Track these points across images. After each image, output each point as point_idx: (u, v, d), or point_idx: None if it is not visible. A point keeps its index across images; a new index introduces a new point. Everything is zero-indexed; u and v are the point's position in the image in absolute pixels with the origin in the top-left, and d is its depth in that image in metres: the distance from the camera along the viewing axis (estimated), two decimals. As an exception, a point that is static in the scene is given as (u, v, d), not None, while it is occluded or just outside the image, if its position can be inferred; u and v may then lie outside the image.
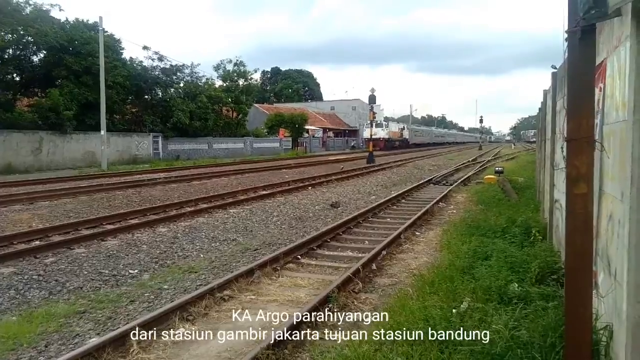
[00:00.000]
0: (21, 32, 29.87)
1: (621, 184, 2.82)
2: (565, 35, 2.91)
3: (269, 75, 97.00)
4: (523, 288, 4.83)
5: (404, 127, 67.07)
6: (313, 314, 4.86)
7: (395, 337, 3.91)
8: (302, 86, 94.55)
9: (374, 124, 46.63)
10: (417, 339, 3.82)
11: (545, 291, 4.70)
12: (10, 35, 29.50)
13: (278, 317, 5.05)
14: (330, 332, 4.66)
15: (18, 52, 31.23)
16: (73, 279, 6.53)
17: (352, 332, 4.55)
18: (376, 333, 4.08)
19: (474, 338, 3.73)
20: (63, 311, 5.31)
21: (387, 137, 58.20)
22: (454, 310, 4.31)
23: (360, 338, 4.12)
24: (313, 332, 4.60)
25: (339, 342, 4.34)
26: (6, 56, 30.38)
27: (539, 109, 12.20)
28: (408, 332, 3.92)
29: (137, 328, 4.38)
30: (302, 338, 4.47)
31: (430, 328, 3.93)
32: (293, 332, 4.47)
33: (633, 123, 2.54)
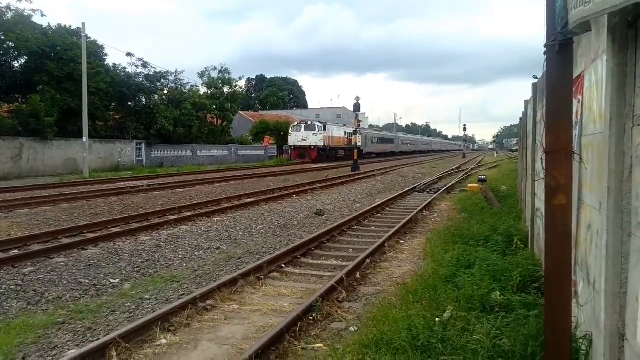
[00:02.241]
0: (2, 38, 29.48)
1: (599, 194, 2.87)
2: (544, 49, 2.96)
3: (254, 83, 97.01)
4: (505, 297, 4.87)
5: (354, 131, 47.46)
6: (296, 323, 4.84)
7: (379, 347, 3.91)
8: (288, 94, 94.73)
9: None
10: (400, 348, 3.83)
11: (527, 299, 4.75)
12: (-10, 40, 29.06)
13: (261, 327, 5.02)
14: (314, 341, 4.64)
15: (-1, 58, 30.79)
16: (52, 289, 6.41)
17: (336, 342, 4.55)
18: (359, 342, 4.08)
19: (456, 347, 3.75)
20: (42, 322, 5.20)
21: (321, 144, 43.92)
22: (437, 319, 4.32)
23: (344, 348, 4.11)
24: (296, 342, 4.58)
25: (322, 352, 4.33)
26: (-14, 61, 29.92)
27: (520, 118, 12.39)
28: (391, 341, 3.92)
29: (117, 339, 4.31)
30: (285, 348, 4.45)
31: (413, 337, 3.94)
32: (276, 343, 4.44)
33: (610, 136, 2.59)
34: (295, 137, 44.35)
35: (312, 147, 43.36)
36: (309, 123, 45.13)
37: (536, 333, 3.64)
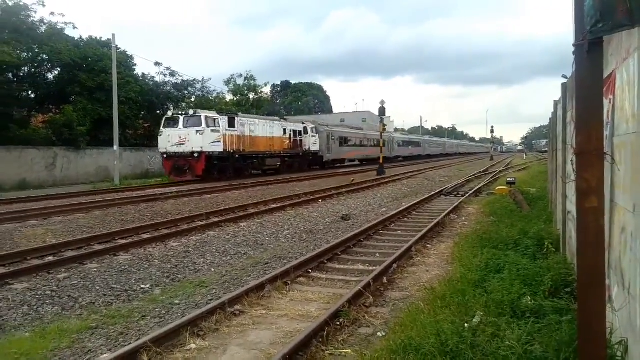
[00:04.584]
0: (36, 50, 30.51)
1: (633, 196, 2.79)
2: (573, 49, 2.90)
3: (279, 89, 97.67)
4: (536, 302, 4.77)
5: (304, 128, 35.60)
6: (324, 329, 4.83)
7: (407, 352, 3.87)
8: (312, 99, 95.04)
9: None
10: (428, 354, 3.78)
11: (559, 305, 4.63)
12: (25, 54, 30.10)
13: (288, 332, 5.03)
14: (341, 347, 4.63)
15: (33, 70, 31.87)
16: (86, 295, 6.58)
17: (363, 347, 4.53)
18: (387, 348, 4.05)
19: (486, 353, 3.69)
20: (75, 327, 5.34)
21: (216, 149, 25.73)
22: (466, 325, 4.26)
23: (371, 353, 4.09)
24: (324, 348, 4.57)
25: (350, 357, 4.31)
26: (22, 74, 30.98)
27: (550, 119, 12.13)
28: (419, 347, 3.88)
29: (148, 344, 4.39)
30: (312, 354, 4.45)
31: (442, 343, 3.89)
32: (303, 348, 4.45)
33: (643, 135, 2.52)
34: (168, 139, 25.58)
35: (196, 156, 24.79)
36: (192, 113, 26.02)
37: (569, 339, 3.55)
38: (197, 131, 24.95)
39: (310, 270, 7.46)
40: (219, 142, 26.00)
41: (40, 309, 6.03)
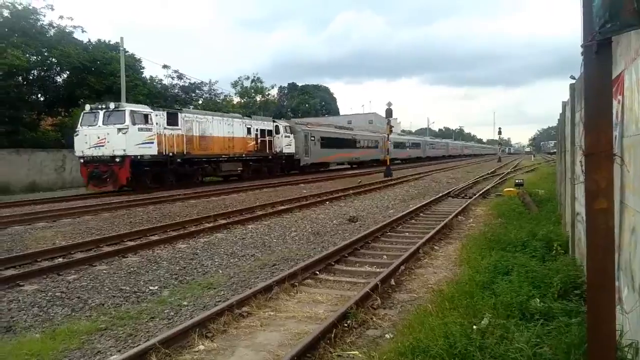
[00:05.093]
0: (45, 54, 30.84)
1: (643, 197, 2.78)
2: (582, 49, 2.89)
3: (285, 91, 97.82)
4: (545, 304, 4.74)
5: (275, 127, 31.59)
6: (331, 330, 4.83)
7: (415, 354, 3.86)
8: (319, 101, 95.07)
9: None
10: (437, 356, 3.77)
11: (568, 307, 4.61)
12: (35, 57, 30.43)
13: (296, 334, 5.04)
14: (349, 348, 4.63)
15: (42, 73, 32.22)
16: (95, 296, 6.62)
17: (371, 349, 4.52)
18: (395, 350, 4.04)
19: (495, 356, 3.67)
20: (85, 328, 5.38)
21: (147, 152, 21.35)
22: (474, 327, 4.24)
23: (379, 355, 4.09)
24: (331, 349, 4.57)
25: (358, 359, 4.31)
26: (31, 77, 31.34)
27: (558, 119, 12.07)
28: (428, 349, 3.87)
29: (157, 345, 4.41)
30: (320, 355, 4.45)
31: (450, 345, 3.88)
32: (311, 350, 4.45)
33: (653, 136, 2.51)
34: (85, 139, 20.91)
35: (118, 160, 20.33)
36: (113, 107, 21.00)
37: (579, 341, 3.53)
38: (120, 129, 20.19)
39: (317, 272, 7.46)
40: (151, 143, 21.33)
41: (50, 310, 6.08)
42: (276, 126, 31.70)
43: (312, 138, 36.48)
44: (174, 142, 22.65)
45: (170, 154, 22.48)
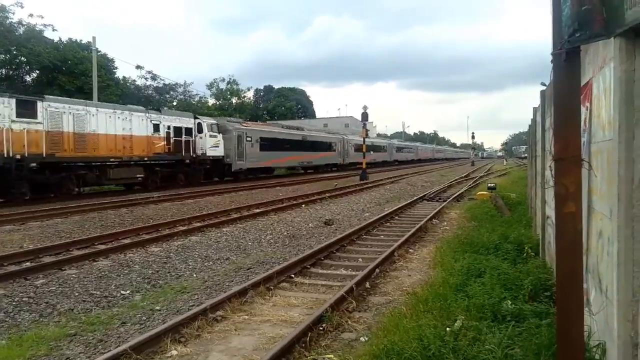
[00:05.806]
0: (14, 52, 30.02)
1: (609, 201, 2.86)
2: (552, 57, 2.96)
3: (262, 93, 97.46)
4: (516, 305, 4.84)
5: (198, 125, 26.56)
6: (307, 334, 4.82)
7: (389, 357, 3.89)
8: (296, 104, 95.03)
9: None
10: (411, 358, 3.80)
11: (539, 308, 4.71)
12: (3, 56, 29.61)
13: (271, 337, 5.01)
14: (324, 352, 4.63)
15: (11, 72, 31.37)
16: (64, 301, 6.45)
17: (346, 352, 4.53)
18: (370, 353, 4.06)
19: (467, 357, 3.72)
20: (53, 334, 5.23)
21: None
22: (447, 329, 4.30)
23: (354, 358, 4.10)
24: (307, 353, 4.56)
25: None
26: (-1, 76, 30.49)
27: (529, 125, 12.35)
28: (402, 351, 3.90)
29: (128, 351, 4.33)
30: (295, 359, 4.43)
31: (424, 347, 3.91)
32: (286, 354, 4.43)
33: (619, 142, 2.59)
34: None
35: None
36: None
37: (548, 342, 3.61)
38: None
39: (293, 276, 7.44)
40: None
41: (17, 316, 5.90)
42: (198, 124, 26.43)
43: (249, 139, 30.79)
44: (31, 140, 17.42)
45: (19, 157, 16.98)
